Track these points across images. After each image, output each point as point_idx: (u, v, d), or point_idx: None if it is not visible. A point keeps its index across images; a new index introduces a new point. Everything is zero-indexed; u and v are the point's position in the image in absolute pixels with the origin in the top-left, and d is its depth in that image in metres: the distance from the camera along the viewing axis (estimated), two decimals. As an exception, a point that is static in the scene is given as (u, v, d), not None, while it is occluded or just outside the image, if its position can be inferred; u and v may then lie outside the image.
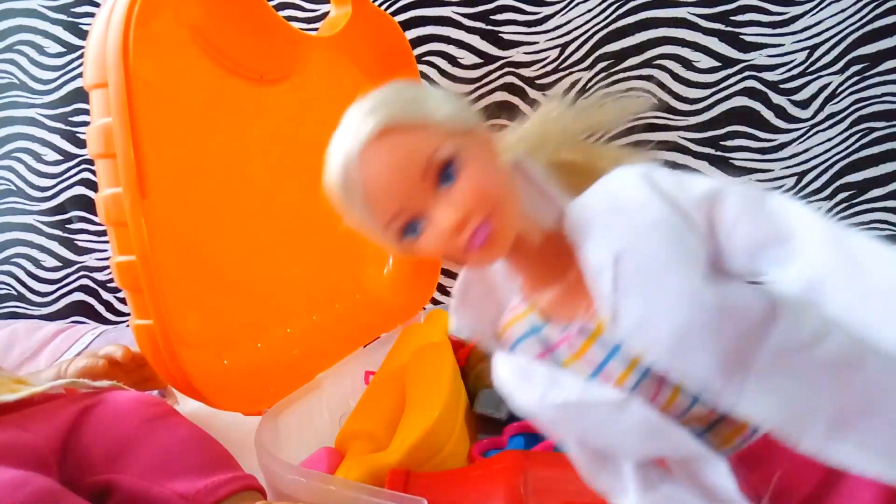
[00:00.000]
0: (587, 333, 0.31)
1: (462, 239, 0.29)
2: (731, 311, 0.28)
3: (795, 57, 0.75)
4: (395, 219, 0.30)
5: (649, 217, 0.30)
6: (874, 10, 0.72)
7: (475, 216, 0.29)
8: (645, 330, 0.29)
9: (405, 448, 0.44)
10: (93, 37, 0.43)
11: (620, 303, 0.29)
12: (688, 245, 0.29)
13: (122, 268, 0.43)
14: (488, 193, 0.30)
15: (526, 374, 0.32)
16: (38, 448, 0.39)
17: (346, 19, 0.65)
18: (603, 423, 0.31)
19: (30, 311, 0.98)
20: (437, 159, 0.29)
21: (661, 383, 0.30)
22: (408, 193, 0.30)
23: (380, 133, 0.30)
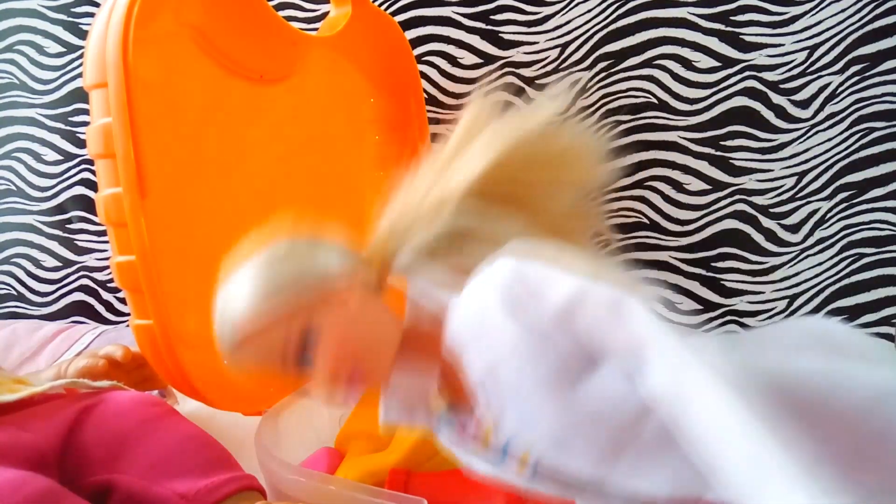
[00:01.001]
0: (480, 437, 0.34)
1: (339, 393, 0.33)
2: (602, 414, 0.30)
3: (795, 57, 0.75)
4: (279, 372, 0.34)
5: (507, 345, 0.31)
6: (874, 10, 0.72)
7: (342, 373, 0.32)
8: (523, 436, 0.32)
9: (405, 448, 0.45)
10: (93, 37, 0.43)
11: (501, 415, 0.32)
12: (548, 362, 0.30)
13: (122, 268, 0.43)
14: (349, 353, 0.33)
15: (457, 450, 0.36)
16: (38, 448, 0.39)
17: (346, 19, 0.65)
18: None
19: (30, 311, 0.97)
20: (293, 342, 0.32)
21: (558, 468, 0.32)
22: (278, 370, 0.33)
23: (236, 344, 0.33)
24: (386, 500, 0.38)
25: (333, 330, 0.33)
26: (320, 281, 0.34)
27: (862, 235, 0.77)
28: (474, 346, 0.32)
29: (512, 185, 0.36)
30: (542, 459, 0.31)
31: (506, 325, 0.31)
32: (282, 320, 0.33)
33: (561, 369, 0.30)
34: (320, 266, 0.35)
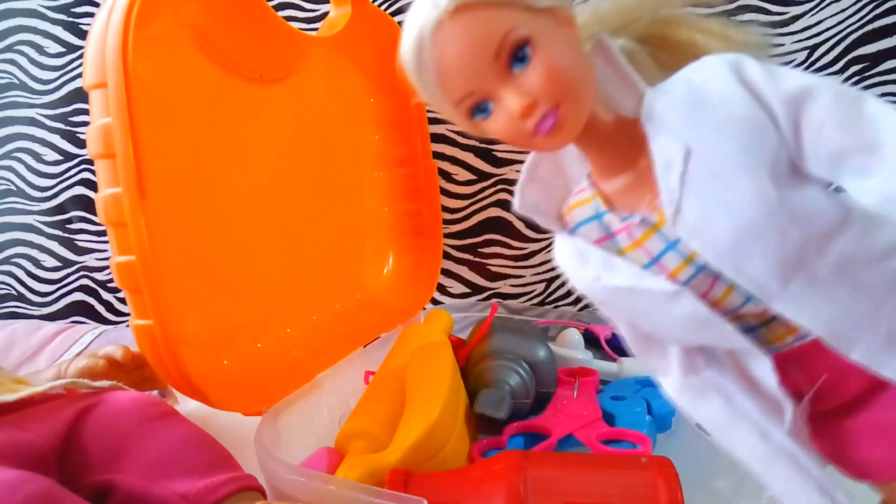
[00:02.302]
0: (648, 225, 0.31)
1: (529, 124, 0.29)
2: (798, 217, 0.28)
3: (795, 57, 0.75)
4: (466, 98, 0.30)
5: (729, 113, 0.29)
6: (874, 10, 0.72)
7: (544, 102, 0.29)
8: (705, 229, 0.29)
9: (405, 448, 0.44)
10: (92, 37, 0.43)
11: (685, 200, 0.29)
12: (764, 146, 0.28)
13: (122, 268, 0.43)
14: (560, 80, 0.29)
15: (583, 255, 0.33)
16: (38, 448, 0.39)
17: (346, 19, 0.65)
18: (652, 310, 0.32)
19: (30, 311, 0.97)
20: (511, 40, 0.29)
21: (716, 280, 0.30)
22: (480, 74, 0.29)
23: (455, 9, 0.28)
24: (386, 500, 0.38)
25: (554, 45, 0.29)
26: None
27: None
28: (684, 115, 0.30)
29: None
30: (711, 263, 0.29)
31: (735, 92, 0.29)
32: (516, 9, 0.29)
33: (775, 156, 0.28)
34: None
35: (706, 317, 0.30)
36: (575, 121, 0.30)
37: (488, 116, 0.31)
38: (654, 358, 0.34)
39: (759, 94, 0.29)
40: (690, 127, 0.29)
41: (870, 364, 0.29)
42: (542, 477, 0.39)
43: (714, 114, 0.29)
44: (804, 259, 0.28)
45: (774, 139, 0.29)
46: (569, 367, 0.61)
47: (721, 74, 0.30)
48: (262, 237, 0.60)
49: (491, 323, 0.62)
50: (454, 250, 0.85)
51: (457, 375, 0.57)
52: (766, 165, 0.28)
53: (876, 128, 0.28)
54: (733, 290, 0.30)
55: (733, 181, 0.28)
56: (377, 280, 0.76)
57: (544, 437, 0.52)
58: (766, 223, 0.28)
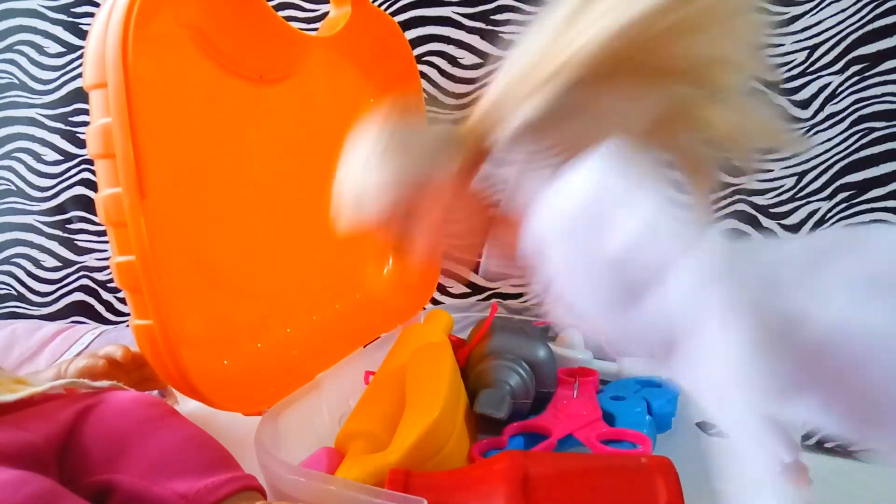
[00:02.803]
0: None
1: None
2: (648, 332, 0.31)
3: (795, 57, 0.75)
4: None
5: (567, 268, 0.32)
6: (874, 10, 0.72)
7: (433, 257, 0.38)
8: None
9: (405, 448, 0.44)
10: (92, 37, 0.43)
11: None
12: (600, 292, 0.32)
13: (122, 268, 0.43)
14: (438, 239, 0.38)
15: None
16: (38, 448, 0.39)
17: (346, 19, 0.65)
18: None
19: (30, 311, 0.98)
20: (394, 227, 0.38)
21: None
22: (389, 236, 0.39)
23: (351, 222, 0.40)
24: (386, 500, 0.37)
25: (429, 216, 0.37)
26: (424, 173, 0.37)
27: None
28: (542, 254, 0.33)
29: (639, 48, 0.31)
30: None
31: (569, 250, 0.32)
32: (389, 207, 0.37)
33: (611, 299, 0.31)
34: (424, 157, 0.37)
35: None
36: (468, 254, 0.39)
37: None
38: None
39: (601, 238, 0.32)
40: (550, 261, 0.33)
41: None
42: (542, 477, 0.39)
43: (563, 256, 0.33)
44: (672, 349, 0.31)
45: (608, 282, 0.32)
46: (569, 367, 0.61)
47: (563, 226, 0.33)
48: (263, 237, 0.60)
49: (491, 323, 0.62)
50: (454, 250, 0.85)
51: (457, 375, 0.57)
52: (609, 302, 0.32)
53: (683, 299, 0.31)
54: None
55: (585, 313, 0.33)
56: (377, 280, 0.76)
57: (544, 437, 0.52)
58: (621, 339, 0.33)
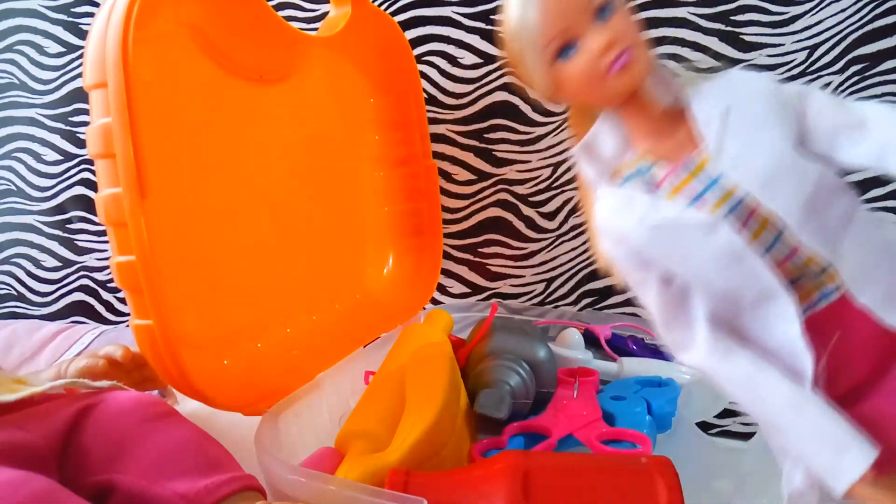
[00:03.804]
0: (690, 169, 0.37)
1: (607, 59, 0.37)
2: (813, 171, 0.35)
3: (795, 57, 0.75)
4: (557, 37, 0.37)
5: (758, 86, 0.37)
6: (874, 10, 0.72)
7: (621, 42, 0.37)
8: (744, 162, 0.35)
9: (405, 448, 0.44)
10: (92, 37, 0.43)
11: (727, 138, 0.36)
12: (785, 114, 0.36)
13: (122, 268, 0.43)
14: (632, 33, 0.38)
15: (630, 201, 0.38)
16: (38, 448, 0.39)
17: (346, 19, 0.65)
18: (692, 244, 0.36)
19: (30, 311, 0.98)
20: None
21: (750, 217, 0.36)
22: (573, 17, 0.37)
23: None
24: (386, 500, 0.38)
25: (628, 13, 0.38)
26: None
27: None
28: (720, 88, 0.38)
29: None
30: (748, 196, 0.35)
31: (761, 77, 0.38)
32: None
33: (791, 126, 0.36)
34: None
35: (741, 249, 0.35)
36: (641, 64, 0.38)
37: (570, 59, 0.38)
38: (680, 328, 0.38)
39: (777, 85, 0.37)
40: (728, 95, 0.37)
41: (875, 309, 0.34)
42: (542, 477, 0.39)
43: (746, 87, 0.37)
44: (817, 204, 0.35)
45: (791, 114, 0.36)
46: (569, 367, 0.61)
47: (747, 72, 0.38)
48: (263, 237, 0.60)
49: (491, 323, 0.62)
50: (454, 250, 0.85)
51: (457, 375, 0.57)
52: (788, 127, 0.36)
53: (861, 110, 0.36)
54: (764, 229, 0.36)
55: (765, 130, 0.36)
56: (377, 280, 0.76)
57: (544, 437, 0.52)
58: (790, 165, 0.35)
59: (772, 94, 0.37)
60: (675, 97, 0.39)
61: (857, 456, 0.32)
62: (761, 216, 0.35)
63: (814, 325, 0.35)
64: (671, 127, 0.39)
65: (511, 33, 0.39)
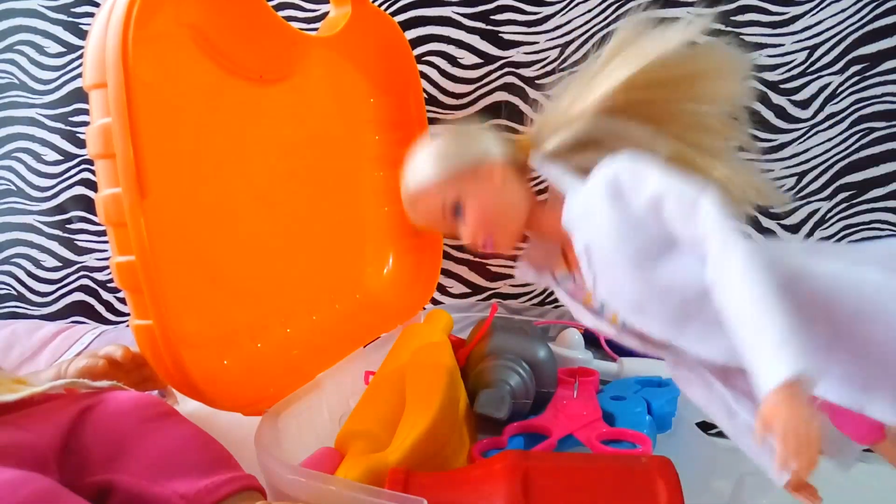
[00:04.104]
0: (585, 291, 0.44)
1: (477, 248, 0.45)
2: (672, 288, 0.37)
3: (795, 57, 0.75)
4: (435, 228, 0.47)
5: (605, 227, 0.39)
6: (874, 10, 0.72)
7: (479, 236, 0.44)
8: (612, 301, 0.41)
9: (405, 448, 0.44)
10: (92, 37, 0.43)
11: (596, 279, 0.40)
12: (635, 244, 0.38)
13: (122, 268, 0.43)
14: (486, 221, 0.44)
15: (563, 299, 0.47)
16: (38, 448, 0.39)
17: (346, 19, 0.65)
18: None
19: (30, 311, 0.98)
20: (448, 206, 0.44)
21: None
22: (440, 225, 0.46)
23: (411, 199, 0.46)
24: (386, 500, 0.38)
25: (477, 197, 0.44)
26: (477, 157, 0.44)
27: (861, 236, 0.77)
28: (580, 226, 0.40)
29: (647, 98, 0.42)
30: (626, 321, 0.41)
31: (605, 210, 0.38)
32: (441, 186, 0.44)
33: (644, 249, 0.38)
34: (480, 146, 0.45)
35: (646, 348, 0.42)
36: (507, 241, 0.45)
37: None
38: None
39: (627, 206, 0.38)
40: (586, 230, 0.40)
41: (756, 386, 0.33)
42: (542, 477, 0.39)
43: (595, 224, 0.39)
44: (689, 314, 0.38)
45: (641, 238, 0.38)
46: (569, 367, 0.61)
47: (600, 193, 0.39)
48: (263, 237, 0.60)
49: (491, 323, 0.62)
50: (454, 250, 0.86)
51: (457, 375, 0.57)
52: (639, 254, 0.38)
53: (702, 224, 0.35)
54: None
55: (617, 271, 0.39)
56: (377, 280, 0.76)
57: (544, 437, 0.52)
58: (647, 297, 0.38)
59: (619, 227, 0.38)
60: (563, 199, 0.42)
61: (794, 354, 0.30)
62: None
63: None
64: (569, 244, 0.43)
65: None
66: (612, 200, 0.38)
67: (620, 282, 0.39)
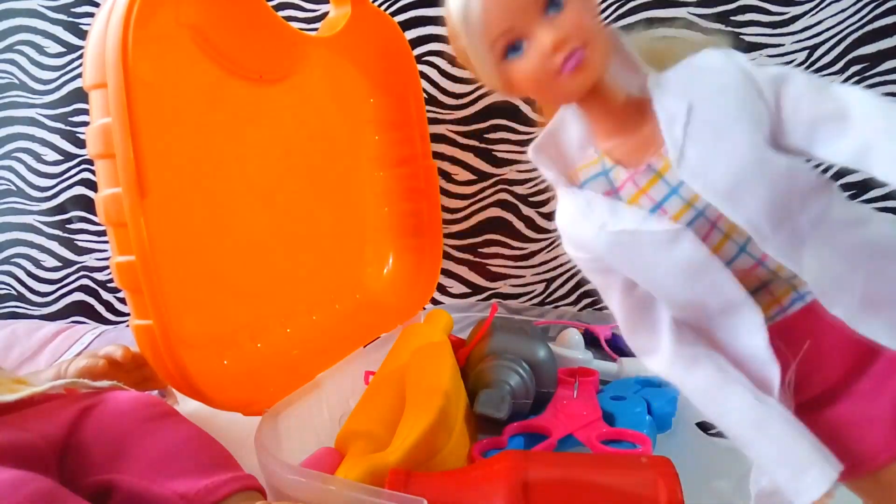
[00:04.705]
0: (652, 172, 0.34)
1: (558, 59, 0.33)
2: (783, 172, 0.32)
3: (795, 57, 0.75)
4: (503, 36, 0.34)
5: (725, 79, 0.33)
6: (874, 10, 0.72)
7: (572, 40, 0.33)
8: (706, 172, 0.32)
9: (405, 448, 0.44)
10: (92, 37, 0.43)
11: (688, 145, 0.33)
12: (755, 109, 0.33)
13: (122, 268, 0.43)
14: (587, 26, 0.33)
15: (590, 205, 0.35)
16: (38, 448, 0.39)
17: (346, 20, 0.65)
18: (653, 255, 0.33)
19: (30, 311, 0.98)
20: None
21: (713, 227, 0.33)
22: (520, 11, 0.33)
23: None
24: (386, 500, 0.37)
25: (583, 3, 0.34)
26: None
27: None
28: (682, 85, 0.34)
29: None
30: (711, 203, 0.32)
31: (729, 67, 0.34)
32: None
33: (763, 120, 0.33)
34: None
35: (704, 259, 0.33)
36: (597, 64, 0.34)
37: (520, 56, 0.34)
38: (645, 333, 0.36)
39: (748, 74, 0.33)
40: (692, 90, 0.34)
41: (848, 321, 0.31)
42: (542, 477, 0.39)
43: (712, 80, 0.34)
44: (789, 210, 0.32)
45: (762, 108, 0.33)
46: (569, 367, 0.61)
47: (716, 57, 0.34)
48: (263, 237, 0.60)
49: (491, 323, 0.62)
50: (454, 250, 0.86)
51: (457, 375, 0.57)
52: (757, 124, 0.32)
53: (843, 100, 0.32)
54: (728, 239, 0.33)
55: (730, 132, 0.32)
56: (377, 280, 0.76)
57: (544, 437, 0.52)
58: (757, 170, 0.32)
59: (741, 85, 0.33)
60: (640, 88, 0.35)
61: (818, 475, 0.31)
62: (726, 226, 0.33)
63: (785, 329, 0.33)
64: (634, 122, 0.36)
65: (454, 30, 0.35)
66: (734, 63, 0.34)
67: (725, 150, 0.32)
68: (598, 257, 0.36)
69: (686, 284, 0.33)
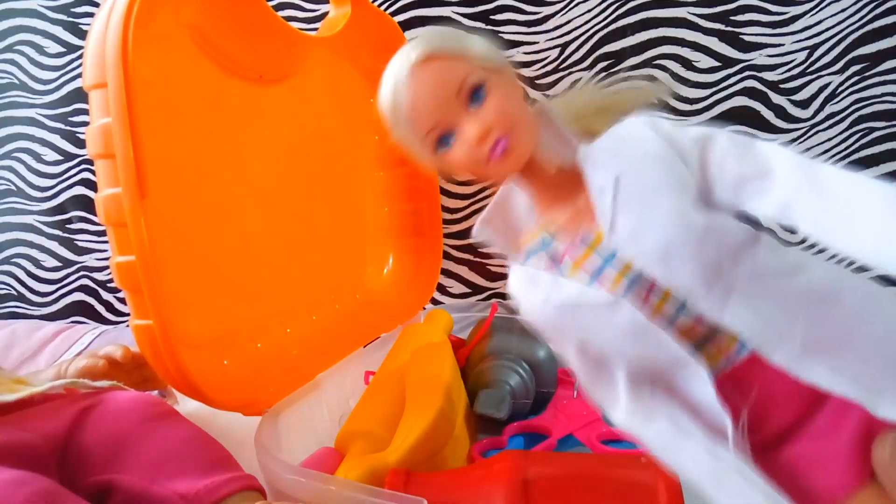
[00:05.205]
0: (587, 243, 0.36)
1: (485, 148, 0.35)
2: (713, 232, 0.33)
3: (795, 57, 0.75)
4: (432, 130, 0.36)
5: (649, 147, 0.35)
6: (874, 10, 0.72)
7: (496, 130, 0.35)
8: (637, 241, 0.34)
9: (405, 448, 0.44)
10: (92, 37, 0.43)
11: (618, 215, 0.34)
12: (679, 175, 0.34)
13: (122, 268, 0.43)
14: (509, 115, 0.36)
15: (534, 280, 0.37)
16: (38, 448, 0.39)
17: (346, 20, 0.65)
18: (597, 323, 0.35)
19: (30, 311, 0.98)
20: (469, 83, 0.36)
21: (650, 291, 0.34)
22: (444, 108, 0.36)
23: (425, 58, 0.36)
24: (386, 500, 0.38)
25: (503, 91, 0.37)
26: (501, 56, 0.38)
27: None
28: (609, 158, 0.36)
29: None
30: (646, 270, 0.34)
31: (650, 136, 0.35)
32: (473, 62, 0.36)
33: (689, 184, 0.34)
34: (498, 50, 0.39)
35: (644, 325, 0.33)
36: (522, 149, 0.36)
37: (450, 147, 0.37)
38: (602, 388, 0.37)
39: (672, 140, 0.35)
40: (618, 161, 0.36)
41: (788, 368, 0.31)
42: (542, 477, 0.39)
43: (636, 150, 0.36)
44: (720, 269, 0.33)
45: (685, 173, 0.34)
46: (569, 367, 0.61)
47: (639, 126, 0.36)
48: (262, 237, 0.60)
49: (491, 323, 0.62)
50: (454, 250, 0.86)
51: (457, 375, 0.57)
52: (683, 190, 0.34)
53: (765, 158, 0.34)
54: (666, 301, 0.34)
55: (656, 201, 0.34)
56: (377, 280, 0.76)
57: (544, 437, 0.52)
58: (684, 235, 0.33)
59: (664, 153, 0.35)
60: (572, 158, 0.37)
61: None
62: (662, 289, 0.34)
63: (735, 378, 0.34)
64: (570, 192, 0.38)
65: (388, 121, 0.37)
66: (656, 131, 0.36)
67: (655, 216, 0.34)
68: (549, 325, 0.37)
69: (634, 344, 0.35)
